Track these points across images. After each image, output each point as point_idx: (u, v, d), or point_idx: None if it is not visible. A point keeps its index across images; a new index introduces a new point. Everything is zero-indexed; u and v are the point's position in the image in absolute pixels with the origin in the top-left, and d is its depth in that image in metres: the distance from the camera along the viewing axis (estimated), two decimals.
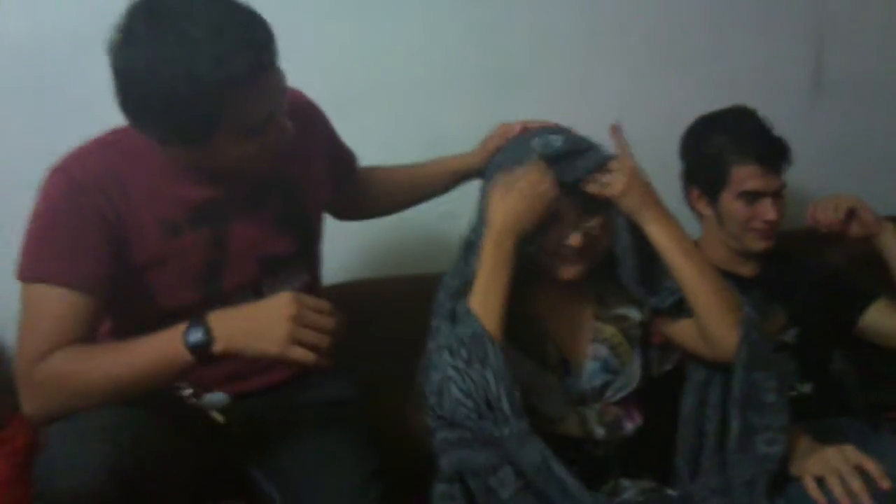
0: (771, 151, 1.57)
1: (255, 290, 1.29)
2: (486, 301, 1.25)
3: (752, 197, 1.56)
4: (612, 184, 1.28)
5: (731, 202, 1.58)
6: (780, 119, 1.61)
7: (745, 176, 1.56)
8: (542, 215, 1.26)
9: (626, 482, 1.34)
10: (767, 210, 1.56)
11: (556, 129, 1.34)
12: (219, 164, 1.17)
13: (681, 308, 1.34)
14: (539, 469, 1.18)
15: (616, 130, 1.31)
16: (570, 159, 1.28)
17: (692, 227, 1.65)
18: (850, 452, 1.28)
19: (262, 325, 1.08)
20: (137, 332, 1.14)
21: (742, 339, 1.27)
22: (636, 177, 1.29)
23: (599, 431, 1.34)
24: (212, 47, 1.05)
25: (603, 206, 1.30)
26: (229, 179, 1.23)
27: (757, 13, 1.94)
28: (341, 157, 1.49)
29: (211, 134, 1.11)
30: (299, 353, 1.07)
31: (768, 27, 1.95)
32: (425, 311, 1.37)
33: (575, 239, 1.28)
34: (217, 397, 1.28)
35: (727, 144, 1.57)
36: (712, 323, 1.28)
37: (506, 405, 1.19)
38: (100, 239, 1.16)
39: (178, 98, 1.06)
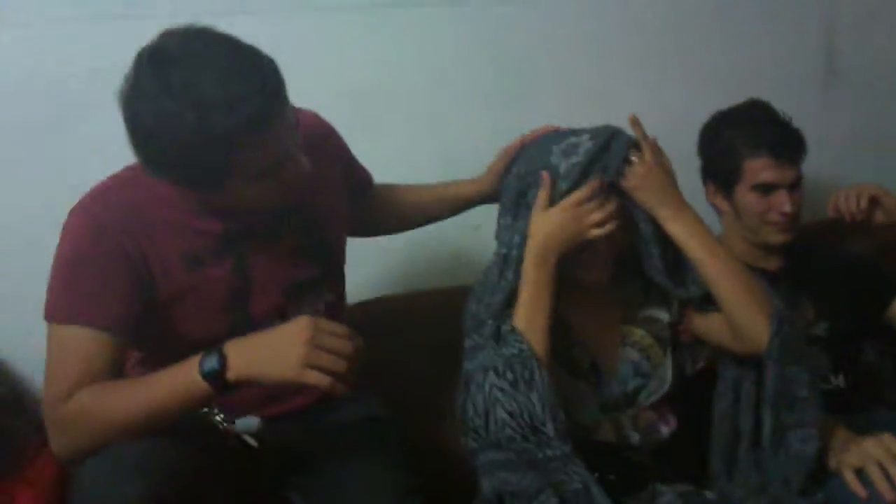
0: (783, 142, 1.56)
1: (280, 316, 1.28)
2: (532, 320, 1.24)
3: (766, 189, 1.56)
4: (629, 176, 1.27)
5: (745, 195, 1.57)
6: (794, 111, 1.61)
7: (758, 168, 1.55)
8: (585, 231, 1.25)
9: (662, 487, 1.32)
10: (783, 202, 1.55)
11: (566, 133, 1.32)
12: (234, 204, 1.17)
13: (709, 300, 1.32)
14: (579, 494, 1.18)
15: (636, 122, 1.30)
16: (601, 155, 1.26)
17: (714, 223, 1.64)
18: (890, 441, 1.26)
19: (276, 350, 1.07)
20: (166, 364, 1.13)
21: (774, 334, 1.25)
22: (654, 172, 1.27)
23: (635, 437, 1.33)
24: (220, 96, 1.03)
25: (617, 203, 1.28)
26: (249, 214, 1.23)
27: (766, 5, 1.93)
28: (356, 175, 1.49)
29: (223, 180, 1.11)
30: (314, 378, 1.05)
31: (778, 19, 1.94)
32: (451, 324, 1.37)
33: (602, 243, 1.27)
34: (250, 422, 1.29)
35: (739, 137, 1.57)
36: (741, 317, 1.27)
37: (550, 428, 1.19)
38: (125, 279, 1.16)
39: (187, 149, 1.05)
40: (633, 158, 1.27)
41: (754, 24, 1.93)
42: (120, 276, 1.16)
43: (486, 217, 1.72)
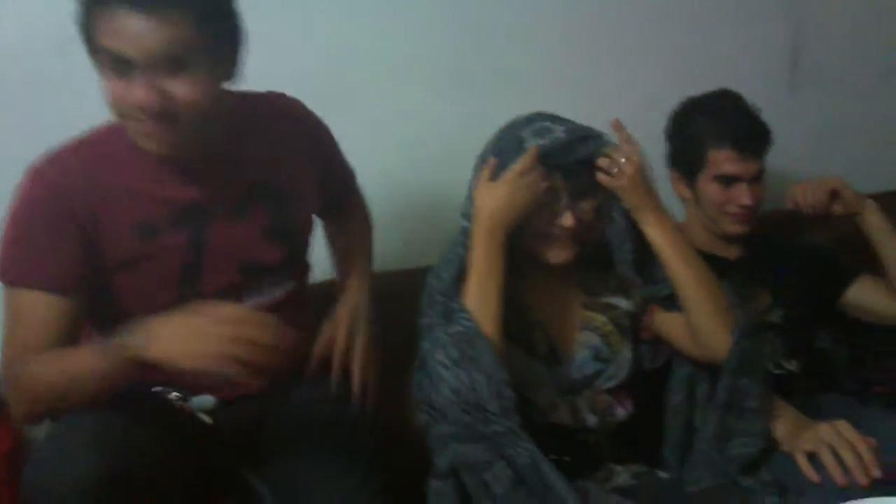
0: (748, 135, 1.57)
1: (236, 297, 1.28)
2: (481, 297, 1.25)
3: (727, 181, 1.57)
4: (618, 175, 1.28)
5: (707, 185, 1.59)
6: (759, 104, 1.62)
7: (721, 159, 1.56)
8: (530, 204, 1.26)
9: (618, 467, 1.34)
10: (743, 194, 1.56)
11: (549, 117, 1.32)
12: (110, 101, 1.12)
13: (672, 299, 1.34)
14: (528, 468, 1.19)
15: (619, 126, 1.31)
16: (570, 147, 1.27)
17: (678, 209, 1.67)
18: (844, 428, 1.28)
19: (193, 334, 1.04)
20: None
21: (734, 346, 1.29)
22: (641, 174, 1.29)
23: (591, 419, 1.34)
24: None
25: (596, 189, 1.30)
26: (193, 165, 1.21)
27: (736, 2, 1.95)
28: (334, 183, 1.47)
29: (91, 43, 1.10)
30: (226, 367, 1.02)
31: (746, 14, 1.95)
32: (409, 307, 1.37)
33: (567, 219, 1.27)
34: (205, 400, 1.28)
35: (705, 128, 1.58)
36: (704, 325, 1.30)
37: (495, 405, 1.20)
38: (74, 241, 1.17)
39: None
40: (622, 159, 1.28)
41: (725, 17, 1.95)
42: (68, 239, 1.16)
43: (447, 199, 1.71)
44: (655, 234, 1.30)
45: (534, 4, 1.80)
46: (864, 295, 1.63)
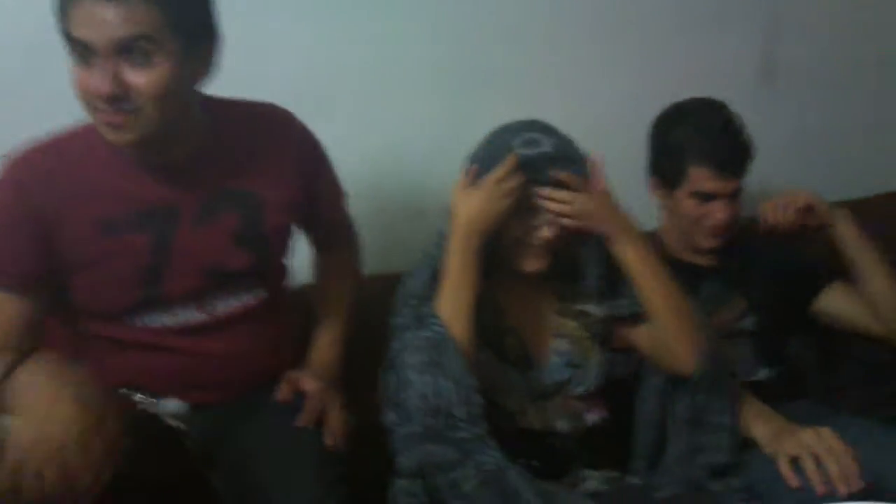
0: (730, 156, 1.56)
1: (202, 301, 1.28)
2: (453, 303, 1.25)
3: (705, 197, 1.55)
4: (574, 212, 1.27)
5: (684, 198, 1.57)
6: (735, 106, 1.62)
7: (701, 177, 1.54)
8: (507, 212, 1.26)
9: (588, 472, 1.35)
10: (719, 210, 1.55)
11: (542, 128, 1.30)
12: (76, 91, 1.13)
13: (638, 318, 1.35)
14: (494, 474, 1.19)
15: (593, 159, 1.30)
16: (555, 163, 1.26)
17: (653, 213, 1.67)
18: (828, 436, 1.29)
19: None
20: (79, 335, 1.17)
21: (699, 366, 1.30)
22: (601, 200, 1.28)
23: (561, 424, 1.34)
24: None
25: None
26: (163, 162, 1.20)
27: (711, 4, 1.95)
28: (320, 199, 1.43)
29: (65, 35, 1.11)
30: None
31: (722, 18, 1.96)
32: (390, 309, 1.36)
33: (546, 232, 1.27)
34: (173, 405, 1.28)
35: (688, 142, 1.56)
36: (671, 344, 1.32)
37: (462, 412, 1.20)
38: (35, 241, 1.17)
39: None
40: (578, 192, 1.27)
41: (702, 20, 1.95)
42: (30, 238, 1.17)
43: (431, 203, 1.73)
44: (624, 253, 1.30)
45: (519, 6, 1.79)
46: (835, 303, 1.64)
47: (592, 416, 1.37)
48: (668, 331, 1.31)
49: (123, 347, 1.27)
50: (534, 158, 1.25)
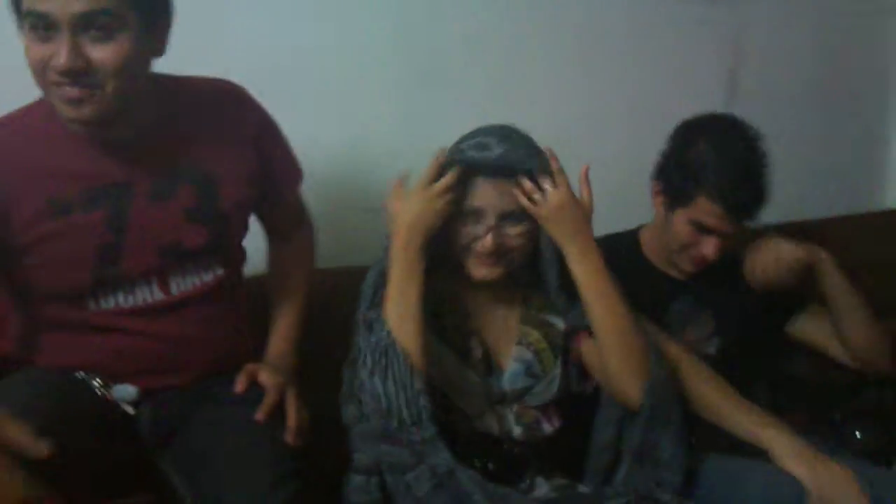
0: (744, 201, 1.47)
1: (160, 279, 1.27)
2: (398, 310, 1.25)
3: (702, 228, 1.49)
4: (540, 203, 1.27)
5: (681, 222, 1.51)
6: None
7: (706, 211, 1.47)
8: (443, 217, 1.27)
9: (540, 479, 1.35)
10: (711, 245, 1.49)
11: (503, 134, 1.30)
12: (33, 67, 1.12)
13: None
14: (446, 476, 1.20)
15: (552, 154, 1.30)
16: (500, 168, 1.27)
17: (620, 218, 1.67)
18: (853, 481, 1.28)
19: None
20: (32, 319, 1.15)
21: (646, 396, 1.29)
22: (567, 206, 1.27)
23: (517, 431, 1.35)
24: None
25: (527, 215, 1.29)
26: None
27: (677, 24, 1.99)
28: (274, 176, 1.41)
29: (18, 7, 1.10)
30: None
31: (688, 39, 2.01)
32: (346, 304, 1.37)
33: (486, 241, 1.27)
34: (127, 390, 1.26)
35: (704, 169, 1.46)
36: (615, 369, 1.29)
37: (407, 415, 1.21)
38: None
39: None
40: (547, 187, 1.27)
41: (666, 43, 1.99)
42: None
43: (383, 199, 1.73)
44: (578, 270, 1.29)
45: (482, 14, 1.80)
46: (809, 328, 1.61)
47: (548, 427, 1.38)
48: (612, 355, 1.29)
49: (79, 331, 1.25)
50: (478, 162, 1.26)
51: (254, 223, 1.46)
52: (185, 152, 1.27)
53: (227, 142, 1.31)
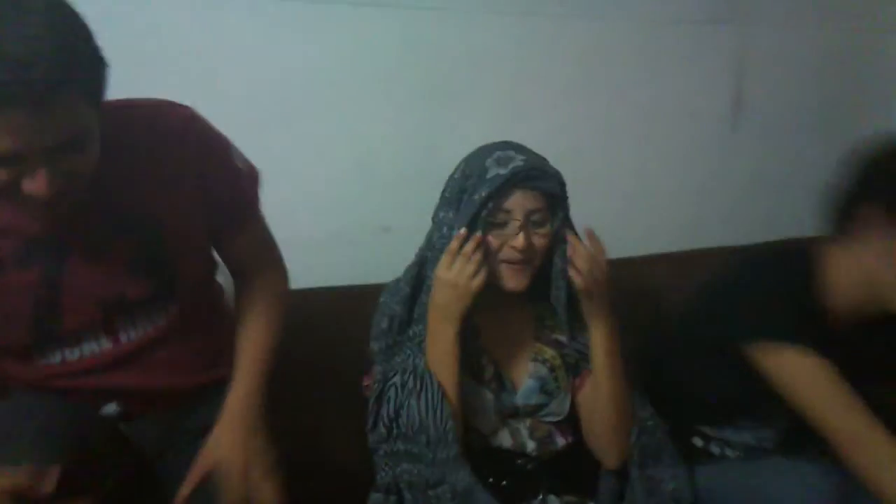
0: None
1: (107, 331, 1.19)
2: (439, 368, 1.29)
3: None
4: (587, 277, 1.30)
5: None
6: (703, 143, 1.65)
7: None
8: (478, 291, 1.29)
9: (552, 497, 1.35)
10: None
11: (517, 147, 1.34)
12: None
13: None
14: (465, 495, 1.23)
15: (592, 234, 1.32)
16: (529, 174, 1.29)
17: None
18: None
19: None
20: None
21: (634, 443, 1.35)
22: (605, 286, 1.31)
23: (531, 445, 1.36)
24: None
25: (549, 219, 1.32)
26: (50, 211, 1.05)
27: (683, 45, 2.00)
28: (223, 210, 1.25)
29: None
30: None
31: (693, 59, 2.01)
32: (360, 321, 1.39)
33: (518, 241, 1.29)
34: (110, 407, 1.24)
35: None
36: (600, 432, 1.36)
37: (434, 433, 1.24)
38: None
39: None
40: (591, 265, 1.30)
41: (672, 63, 1.99)
42: None
43: (395, 219, 1.74)
44: (600, 349, 1.34)
45: (488, 34, 1.81)
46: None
47: (561, 440, 1.39)
48: (603, 423, 1.35)
49: (38, 385, 1.20)
50: (507, 175, 1.28)
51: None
52: (122, 197, 1.14)
53: (167, 179, 1.17)
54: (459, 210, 1.32)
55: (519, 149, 1.33)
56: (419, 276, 1.38)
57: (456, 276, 1.28)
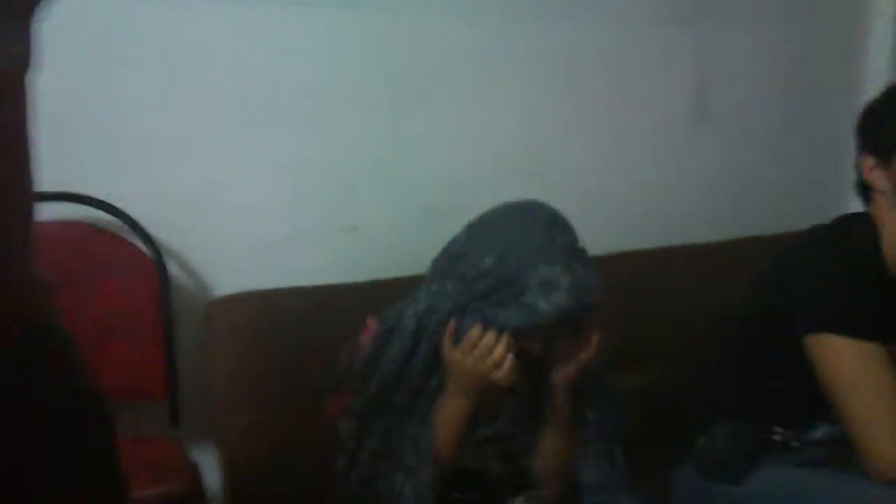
0: None
1: None
2: (445, 434, 1.29)
3: None
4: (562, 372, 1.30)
5: None
6: (667, 145, 1.66)
7: None
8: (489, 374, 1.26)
9: (514, 499, 1.36)
10: None
11: (550, 246, 1.22)
12: None
13: None
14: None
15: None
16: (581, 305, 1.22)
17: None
18: None
19: None
20: None
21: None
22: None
23: (496, 465, 1.36)
24: None
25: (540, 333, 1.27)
26: None
27: (648, 49, 2.01)
28: None
29: None
30: None
31: (658, 62, 2.03)
32: (324, 321, 1.37)
33: (535, 349, 1.27)
34: None
35: None
36: (541, 467, 1.36)
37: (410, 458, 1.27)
38: None
39: None
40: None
41: (637, 67, 2.00)
42: None
43: (362, 217, 1.74)
44: (561, 412, 1.33)
45: (455, 34, 1.80)
46: None
47: (528, 460, 1.38)
48: (546, 480, 1.36)
49: None
50: (549, 313, 1.19)
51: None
52: None
53: None
54: (483, 305, 1.24)
55: (562, 256, 1.21)
56: (416, 335, 1.30)
57: (476, 364, 1.24)
